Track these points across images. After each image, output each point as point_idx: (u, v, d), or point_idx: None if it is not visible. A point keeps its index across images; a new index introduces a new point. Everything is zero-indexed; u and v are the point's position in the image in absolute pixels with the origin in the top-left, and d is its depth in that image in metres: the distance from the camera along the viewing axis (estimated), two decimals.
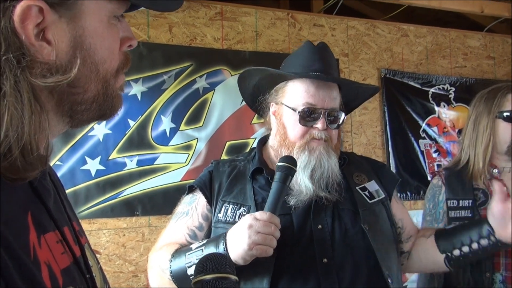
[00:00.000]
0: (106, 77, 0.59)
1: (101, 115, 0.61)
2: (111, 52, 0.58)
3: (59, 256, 0.53)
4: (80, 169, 2.53)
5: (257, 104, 1.38)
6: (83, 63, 0.55)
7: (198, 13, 2.86)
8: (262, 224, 1.04)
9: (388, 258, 1.19)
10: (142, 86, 2.68)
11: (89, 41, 0.55)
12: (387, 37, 3.37)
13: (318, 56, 1.27)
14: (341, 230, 1.18)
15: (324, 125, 1.22)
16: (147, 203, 2.64)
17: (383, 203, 1.29)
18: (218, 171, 1.32)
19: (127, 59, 0.63)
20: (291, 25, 3.10)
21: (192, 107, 2.79)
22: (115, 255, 2.56)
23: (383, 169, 1.42)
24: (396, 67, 3.36)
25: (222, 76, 2.86)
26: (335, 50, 3.20)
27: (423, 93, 3.38)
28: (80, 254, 0.60)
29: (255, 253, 1.04)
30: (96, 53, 0.56)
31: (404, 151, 3.29)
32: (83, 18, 0.54)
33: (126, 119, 2.63)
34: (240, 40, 2.96)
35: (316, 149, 1.22)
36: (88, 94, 0.57)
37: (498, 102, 1.62)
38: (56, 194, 0.63)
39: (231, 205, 1.23)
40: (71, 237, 0.60)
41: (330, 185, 1.22)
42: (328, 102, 1.23)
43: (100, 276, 0.67)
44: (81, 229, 0.69)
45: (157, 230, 2.64)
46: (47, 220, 0.54)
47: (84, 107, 0.58)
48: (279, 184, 1.10)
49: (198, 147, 2.77)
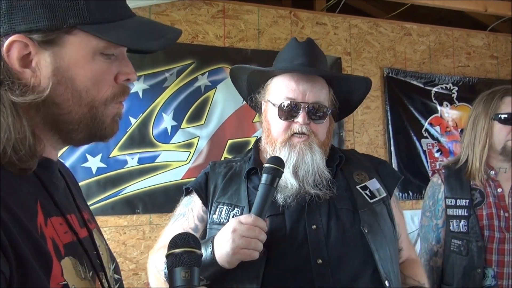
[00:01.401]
0: (93, 103, 0.69)
1: (92, 136, 0.72)
2: (96, 82, 0.68)
3: (62, 234, 0.67)
4: (81, 167, 2.53)
5: (253, 103, 1.37)
6: (65, 88, 0.66)
7: (200, 10, 2.85)
8: (246, 228, 1.03)
9: (387, 260, 1.15)
10: (144, 83, 2.68)
11: (70, 72, 0.66)
12: (390, 36, 3.35)
13: (301, 51, 1.26)
14: (339, 230, 1.15)
15: (305, 119, 1.19)
16: (148, 201, 2.64)
17: (384, 202, 1.26)
18: (214, 172, 1.31)
19: (123, 91, 0.73)
20: (293, 23, 3.09)
21: (194, 105, 2.78)
22: (115, 253, 2.56)
23: (383, 166, 1.37)
24: (399, 66, 3.34)
25: (224, 74, 2.86)
26: (337, 49, 3.19)
27: (425, 92, 3.37)
28: (87, 235, 0.75)
29: (240, 257, 1.03)
30: (77, 81, 0.66)
31: (406, 150, 3.28)
32: (66, 52, 0.65)
33: (128, 116, 2.63)
34: (242, 38, 2.95)
35: (296, 145, 1.20)
36: (72, 115, 0.68)
37: (495, 104, 1.71)
38: (66, 187, 0.78)
39: (225, 206, 1.21)
40: (77, 221, 0.74)
41: (318, 182, 1.20)
42: (310, 96, 1.20)
43: (107, 254, 0.81)
44: (91, 218, 0.83)
45: (158, 228, 2.64)
46: (52, 207, 0.68)
47: (71, 127, 0.69)
48: (266, 186, 1.08)
49: (199, 145, 2.77)
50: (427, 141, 3.35)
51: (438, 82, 3.41)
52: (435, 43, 3.48)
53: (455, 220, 1.72)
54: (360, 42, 3.26)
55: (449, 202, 1.74)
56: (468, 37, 3.59)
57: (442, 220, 1.76)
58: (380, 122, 3.26)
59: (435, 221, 1.78)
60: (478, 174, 1.71)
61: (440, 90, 3.41)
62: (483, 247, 1.63)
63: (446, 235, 1.75)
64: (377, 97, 3.26)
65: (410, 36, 3.41)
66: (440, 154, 3.37)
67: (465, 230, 1.68)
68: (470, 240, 1.66)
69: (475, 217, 1.67)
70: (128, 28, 0.69)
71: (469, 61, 3.58)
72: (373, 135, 3.24)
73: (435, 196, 1.80)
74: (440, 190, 1.78)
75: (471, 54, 3.59)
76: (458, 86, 3.46)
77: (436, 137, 3.38)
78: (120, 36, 0.68)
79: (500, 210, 1.67)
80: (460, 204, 1.72)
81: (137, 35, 0.70)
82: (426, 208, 1.83)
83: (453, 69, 3.52)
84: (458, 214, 1.71)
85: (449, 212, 1.74)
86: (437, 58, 3.47)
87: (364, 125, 3.22)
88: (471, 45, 3.60)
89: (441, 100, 3.41)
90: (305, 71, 1.23)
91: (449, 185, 1.76)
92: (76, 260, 0.66)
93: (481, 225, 1.66)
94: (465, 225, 1.68)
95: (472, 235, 1.66)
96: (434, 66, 3.46)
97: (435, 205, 1.79)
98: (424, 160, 3.32)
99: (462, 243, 1.68)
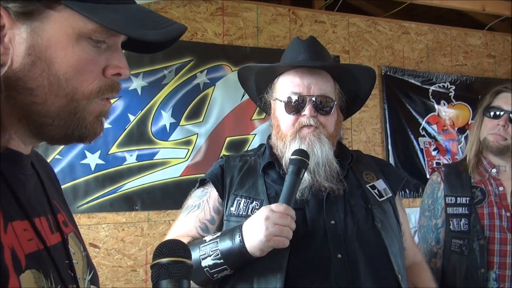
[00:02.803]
0: (74, 95, 0.59)
1: (69, 135, 0.61)
2: (79, 70, 0.58)
3: (25, 242, 0.56)
4: (80, 163, 2.53)
5: (262, 104, 1.40)
6: (40, 72, 0.56)
7: (199, 8, 2.85)
8: (278, 216, 1.05)
9: (397, 255, 1.19)
10: (143, 80, 2.68)
11: (49, 53, 0.56)
12: (388, 35, 3.36)
13: (303, 48, 1.30)
14: (354, 226, 1.18)
15: (311, 112, 1.22)
16: (146, 198, 2.64)
17: (390, 201, 1.30)
18: (229, 166, 1.32)
19: (111, 87, 0.63)
20: (292, 21, 3.10)
21: (192, 102, 2.79)
22: (114, 250, 2.57)
23: (388, 168, 1.43)
24: (397, 64, 3.36)
25: (222, 71, 2.86)
26: (336, 47, 3.20)
27: (423, 91, 3.38)
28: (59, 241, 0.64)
29: (273, 244, 1.05)
30: (57, 66, 0.57)
31: (403, 148, 3.29)
32: (46, 29, 0.55)
33: (126, 113, 2.63)
34: (241, 35, 2.95)
35: (306, 136, 1.23)
36: (48, 106, 0.57)
37: (487, 100, 1.71)
38: (39, 185, 0.66)
39: (243, 199, 1.23)
40: (48, 226, 0.63)
41: (329, 174, 1.22)
42: (315, 89, 1.24)
43: (83, 263, 0.70)
44: (69, 219, 0.72)
45: (156, 225, 2.64)
46: (15, 209, 0.57)
47: (45, 121, 0.58)
48: (293, 177, 1.11)
49: (198, 142, 2.77)
50: (424, 140, 3.37)
51: (436, 81, 3.43)
52: (433, 42, 3.49)
53: (455, 219, 1.68)
54: (358, 41, 3.27)
55: (449, 200, 1.71)
56: (466, 36, 3.61)
57: (441, 219, 1.72)
58: (377, 121, 3.27)
59: (434, 221, 1.74)
60: (474, 171, 1.70)
61: (437, 88, 3.43)
62: (485, 245, 1.58)
63: (446, 235, 1.71)
64: (375, 95, 3.27)
65: (408, 35, 3.42)
66: (437, 153, 3.39)
67: (466, 228, 1.64)
68: (471, 239, 1.61)
69: (477, 215, 1.63)
70: (123, 12, 0.60)
71: (466, 60, 3.59)
72: (370, 133, 3.25)
73: (435, 195, 1.77)
74: (440, 188, 1.75)
75: (469, 53, 3.61)
76: (456, 85, 3.48)
77: (433, 136, 3.40)
78: (112, 19, 0.58)
79: (501, 210, 1.63)
80: (460, 202, 1.68)
81: (133, 21, 0.60)
82: (425, 208, 1.80)
83: (451, 68, 3.53)
84: (459, 213, 1.67)
85: (449, 211, 1.70)
86: (435, 57, 3.49)
87: (362, 123, 3.23)
88: (469, 44, 3.61)
89: (439, 99, 3.43)
90: (307, 64, 1.26)
91: (449, 183, 1.73)
92: (39, 273, 0.56)
93: (482, 224, 1.62)
94: (466, 223, 1.65)
95: (473, 233, 1.62)
96: (432, 64, 3.47)
97: (434, 204, 1.76)
98: (421, 158, 3.34)
99: (463, 243, 1.63)
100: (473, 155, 1.72)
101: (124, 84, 2.64)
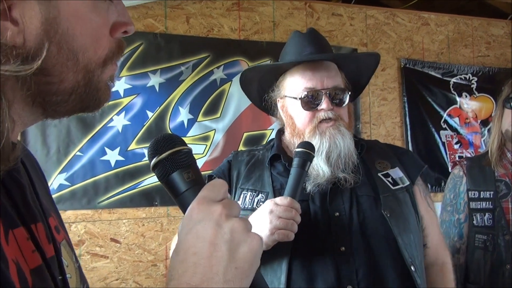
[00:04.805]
0: (89, 67, 0.51)
1: (83, 107, 0.54)
2: (96, 39, 0.51)
3: (30, 254, 0.48)
4: (100, 160, 2.57)
5: (264, 104, 1.38)
6: (58, 50, 0.47)
7: (215, 3, 2.85)
8: (283, 209, 1.04)
9: (411, 245, 1.15)
10: (160, 77, 2.70)
11: (66, 25, 0.47)
12: (407, 26, 3.30)
13: (307, 41, 1.27)
14: (359, 217, 1.16)
15: (329, 105, 1.20)
16: (166, 193, 2.62)
17: (408, 190, 1.25)
18: (237, 160, 1.33)
19: (119, 47, 0.55)
20: (308, 15, 3.07)
21: (210, 98, 2.79)
22: (134, 245, 2.60)
23: (406, 155, 1.38)
24: (417, 56, 3.29)
25: (239, 67, 2.85)
26: (353, 40, 3.15)
27: (444, 83, 3.31)
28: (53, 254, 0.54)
29: (277, 238, 1.04)
30: (74, 39, 0.48)
31: (424, 142, 3.24)
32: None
33: (145, 110, 2.66)
34: (257, 30, 2.94)
35: (326, 131, 1.21)
36: (64, 84, 0.50)
37: (508, 91, 1.65)
38: (30, 187, 0.56)
39: (249, 192, 1.23)
40: (44, 235, 0.54)
41: (347, 166, 1.21)
42: (328, 81, 1.22)
43: (77, 276, 0.61)
44: (60, 224, 0.62)
45: (176, 220, 2.67)
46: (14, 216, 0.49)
47: (61, 98, 0.50)
48: (298, 170, 1.10)
49: (215, 138, 2.78)
50: (446, 133, 3.30)
51: (457, 73, 3.35)
52: (453, 33, 3.41)
53: (478, 214, 1.63)
54: (376, 33, 3.22)
55: (472, 195, 1.66)
56: (488, 26, 3.51)
57: (464, 214, 1.67)
58: (397, 114, 3.22)
59: (456, 216, 1.69)
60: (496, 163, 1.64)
61: (459, 80, 3.35)
62: (511, 241, 1.53)
63: (469, 231, 1.66)
64: (394, 88, 3.22)
65: (428, 26, 3.35)
66: (459, 146, 3.32)
67: (490, 223, 1.59)
68: (496, 235, 1.56)
69: (501, 210, 1.58)
70: None
71: (489, 50, 3.50)
72: (390, 127, 3.20)
73: (457, 189, 1.72)
74: (462, 183, 1.70)
75: (491, 43, 3.51)
76: (478, 77, 3.40)
77: (455, 129, 3.33)
78: None
79: None
80: (484, 196, 1.63)
81: None
82: (447, 202, 1.75)
83: (473, 59, 3.45)
84: (482, 207, 1.63)
85: (472, 206, 1.65)
86: (456, 48, 3.41)
87: (381, 117, 3.18)
88: (491, 34, 3.52)
89: (460, 91, 3.35)
90: (320, 57, 1.24)
91: (472, 177, 1.68)
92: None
93: (508, 218, 1.57)
94: (490, 218, 1.60)
95: (498, 228, 1.57)
96: (453, 56, 3.40)
97: (457, 199, 1.71)
98: (443, 152, 3.27)
99: (487, 238, 1.59)
100: (496, 148, 1.66)
101: (142, 81, 2.66)
